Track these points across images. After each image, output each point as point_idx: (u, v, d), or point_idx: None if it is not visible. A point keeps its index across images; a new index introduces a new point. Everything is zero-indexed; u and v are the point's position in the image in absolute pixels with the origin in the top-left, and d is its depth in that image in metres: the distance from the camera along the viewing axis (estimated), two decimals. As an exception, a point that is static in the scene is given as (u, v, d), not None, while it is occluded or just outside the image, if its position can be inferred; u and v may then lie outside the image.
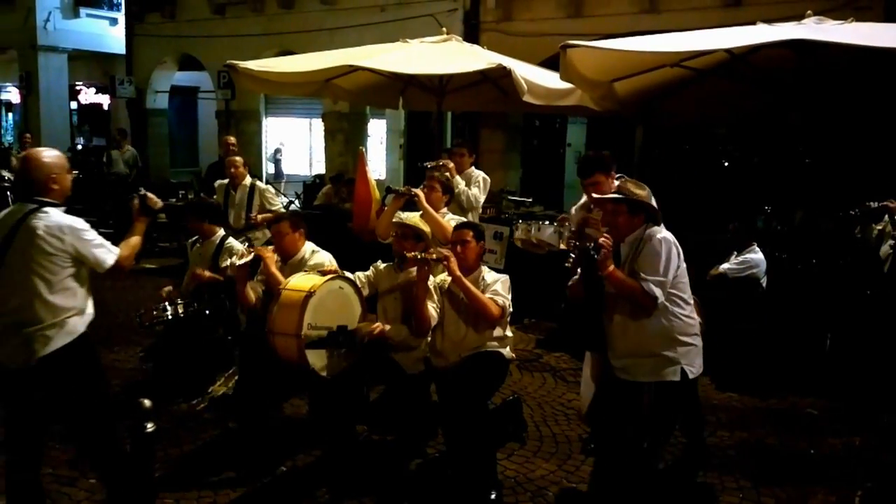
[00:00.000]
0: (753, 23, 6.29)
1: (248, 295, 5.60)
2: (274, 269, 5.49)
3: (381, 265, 5.64)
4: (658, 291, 4.20)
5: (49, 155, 4.32)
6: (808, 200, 5.93)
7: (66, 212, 4.27)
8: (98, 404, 4.38)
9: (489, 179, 8.32)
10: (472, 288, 4.97)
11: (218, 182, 8.81)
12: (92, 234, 4.25)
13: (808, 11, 6.23)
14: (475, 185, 7.97)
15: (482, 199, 8.11)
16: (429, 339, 5.36)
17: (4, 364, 4.15)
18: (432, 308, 5.15)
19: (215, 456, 5.44)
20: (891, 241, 6.78)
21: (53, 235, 4.09)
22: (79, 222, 4.21)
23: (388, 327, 5.23)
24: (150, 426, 3.81)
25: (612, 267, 4.27)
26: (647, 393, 4.36)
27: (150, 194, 4.78)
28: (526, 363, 7.64)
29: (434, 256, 5.02)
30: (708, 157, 12.63)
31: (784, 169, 5.79)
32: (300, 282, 5.07)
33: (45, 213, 4.14)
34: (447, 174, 6.91)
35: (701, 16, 10.51)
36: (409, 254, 5.03)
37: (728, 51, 6.38)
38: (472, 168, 8.24)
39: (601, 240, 4.31)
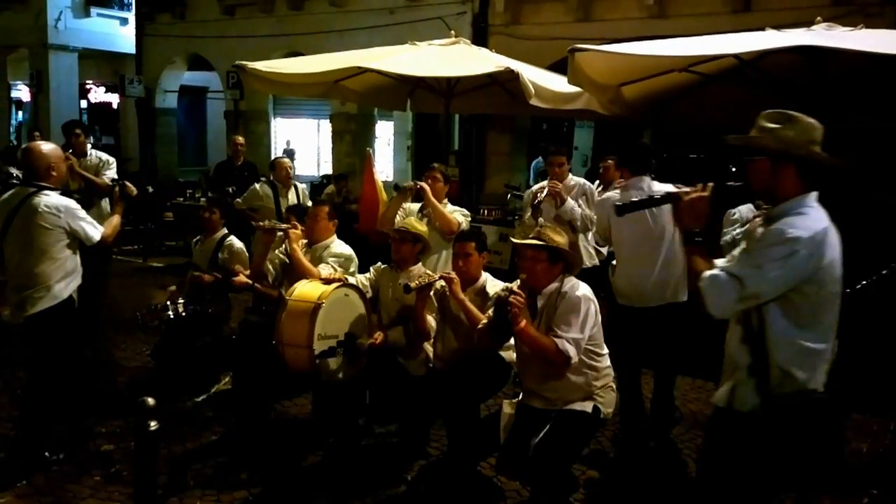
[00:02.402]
0: (763, 28, 6.27)
1: (265, 266, 5.86)
2: (296, 247, 5.57)
3: (382, 266, 5.66)
4: (572, 350, 4.09)
5: (48, 147, 5.15)
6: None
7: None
8: (69, 362, 5.20)
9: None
10: (473, 309, 4.86)
11: (260, 184, 8.91)
12: (83, 213, 5.10)
13: (818, 18, 6.21)
14: (582, 200, 7.11)
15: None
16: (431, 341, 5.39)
17: (10, 319, 5.05)
18: (432, 319, 5.20)
19: (219, 454, 5.44)
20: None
21: (51, 213, 4.91)
22: (72, 203, 5.07)
23: (380, 335, 5.30)
24: (153, 425, 3.81)
25: (523, 323, 4.12)
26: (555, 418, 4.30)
27: (128, 183, 5.78)
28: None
29: (436, 278, 4.99)
30: (715, 161, 12.58)
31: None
32: (307, 291, 5.05)
33: (46, 195, 4.95)
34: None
35: (710, 21, 10.51)
36: (412, 283, 4.93)
37: (737, 56, 6.35)
38: (572, 177, 7.39)
39: (511, 297, 4.14)
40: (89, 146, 8.05)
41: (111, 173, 7.89)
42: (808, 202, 3.09)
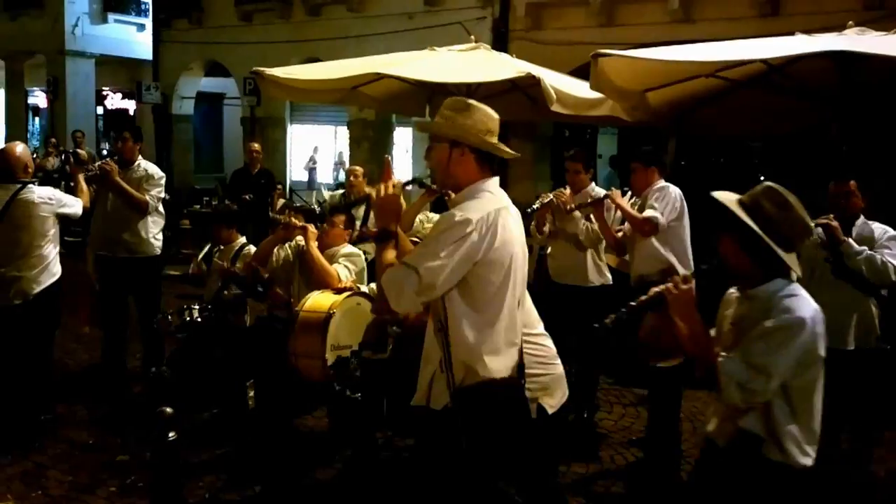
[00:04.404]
0: (792, 33, 6.15)
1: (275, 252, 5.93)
2: (312, 245, 5.56)
3: None
4: None
5: (21, 148, 5.89)
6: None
7: None
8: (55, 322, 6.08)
9: None
10: None
11: (332, 193, 8.85)
12: (63, 195, 5.98)
13: (850, 22, 6.08)
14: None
15: None
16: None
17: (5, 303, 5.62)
18: None
19: (234, 467, 5.36)
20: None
21: (45, 202, 5.68)
22: (54, 190, 5.97)
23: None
24: (172, 435, 3.74)
25: None
26: None
27: (79, 150, 6.55)
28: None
29: None
30: (743, 169, 12.43)
31: (824, 183, 5.64)
32: (317, 302, 5.07)
33: (32, 189, 5.68)
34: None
35: (737, 26, 10.35)
36: None
37: (765, 61, 6.24)
38: (594, 186, 6.81)
39: None
40: (140, 156, 7.03)
41: (156, 192, 6.95)
42: (485, 187, 3.17)
